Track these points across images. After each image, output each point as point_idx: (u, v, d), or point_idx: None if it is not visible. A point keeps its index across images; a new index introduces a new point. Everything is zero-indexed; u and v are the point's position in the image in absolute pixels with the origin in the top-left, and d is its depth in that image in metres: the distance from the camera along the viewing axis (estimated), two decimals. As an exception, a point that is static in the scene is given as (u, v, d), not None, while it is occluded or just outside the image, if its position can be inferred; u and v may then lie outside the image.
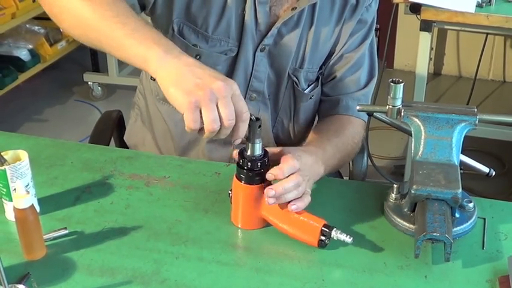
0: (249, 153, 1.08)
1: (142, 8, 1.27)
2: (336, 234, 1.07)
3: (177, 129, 1.43)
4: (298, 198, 1.09)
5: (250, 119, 1.05)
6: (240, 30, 1.30)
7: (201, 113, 0.98)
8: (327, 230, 1.07)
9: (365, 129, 1.44)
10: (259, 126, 1.06)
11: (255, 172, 1.08)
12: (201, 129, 1.00)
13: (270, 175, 1.08)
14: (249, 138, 1.07)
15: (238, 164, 1.10)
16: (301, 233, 1.09)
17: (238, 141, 1.03)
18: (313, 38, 1.35)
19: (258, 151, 1.08)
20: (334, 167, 1.29)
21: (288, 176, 1.08)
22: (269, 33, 1.31)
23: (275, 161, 1.11)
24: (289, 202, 1.09)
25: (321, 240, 1.08)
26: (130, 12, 1.09)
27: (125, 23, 1.06)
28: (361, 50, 1.41)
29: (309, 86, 1.42)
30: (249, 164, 1.08)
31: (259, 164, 1.08)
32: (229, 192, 1.15)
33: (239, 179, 1.10)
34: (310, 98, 1.44)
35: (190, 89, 0.98)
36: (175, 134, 1.43)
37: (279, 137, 1.47)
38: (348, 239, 1.06)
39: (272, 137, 1.46)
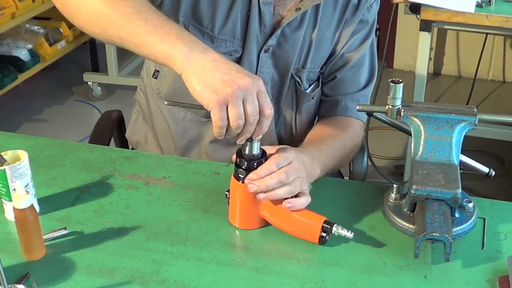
0: (247, 152, 1.08)
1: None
2: (337, 229, 1.07)
3: (177, 129, 1.43)
4: (294, 196, 1.09)
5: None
6: (244, 31, 1.30)
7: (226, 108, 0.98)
8: (328, 226, 1.07)
9: (364, 129, 1.44)
10: None
11: (253, 171, 1.08)
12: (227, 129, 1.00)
13: (247, 180, 1.08)
14: (247, 138, 1.07)
15: (236, 163, 1.10)
16: (302, 230, 1.09)
17: (259, 137, 1.04)
18: (316, 38, 1.35)
19: (256, 150, 1.08)
20: (332, 168, 1.28)
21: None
22: (273, 34, 1.31)
23: None
24: (285, 199, 1.09)
25: (322, 236, 1.08)
26: (150, 8, 1.08)
27: (146, 19, 1.05)
28: (362, 50, 1.41)
29: (310, 85, 1.42)
30: (247, 163, 1.08)
31: (257, 163, 1.08)
32: (226, 193, 1.15)
33: (237, 178, 1.10)
34: (312, 98, 1.44)
35: (217, 87, 0.98)
36: (176, 133, 1.43)
37: (281, 137, 1.47)
38: (349, 234, 1.06)
39: (275, 137, 1.46)
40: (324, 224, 1.08)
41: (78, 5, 1.10)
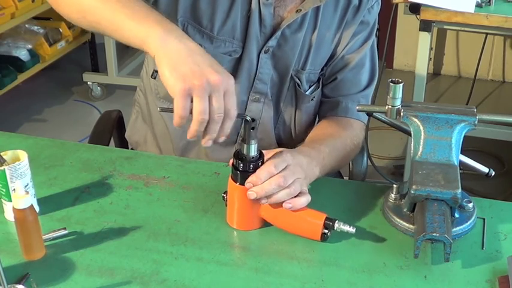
0: (245, 154, 1.08)
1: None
2: (339, 225, 1.07)
3: (176, 130, 1.42)
4: (294, 197, 1.09)
5: (246, 119, 1.05)
6: (244, 31, 1.30)
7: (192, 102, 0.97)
8: (330, 223, 1.08)
9: (365, 130, 1.44)
10: (253, 128, 1.06)
11: (250, 173, 1.08)
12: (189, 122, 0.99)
13: (248, 184, 1.08)
14: (244, 139, 1.07)
15: (233, 165, 1.10)
16: (303, 228, 1.10)
17: (222, 139, 1.02)
18: (316, 39, 1.35)
19: (253, 152, 1.08)
20: (331, 168, 1.28)
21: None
22: (273, 35, 1.31)
23: None
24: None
25: (324, 233, 1.08)
26: None
27: (125, 5, 1.05)
28: (363, 51, 1.41)
29: (310, 87, 1.42)
30: (244, 165, 1.08)
31: (254, 165, 1.08)
32: (224, 195, 1.15)
33: (234, 180, 1.10)
34: (312, 99, 1.44)
35: (186, 75, 0.96)
36: (175, 134, 1.43)
37: (280, 138, 1.47)
38: (351, 229, 1.07)
39: (274, 138, 1.46)
40: (325, 221, 1.08)
41: None
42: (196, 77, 0.96)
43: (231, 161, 1.11)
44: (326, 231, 1.08)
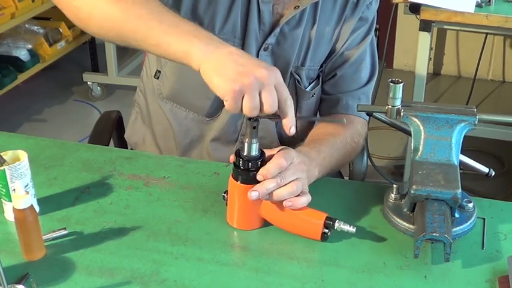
0: (245, 153, 1.08)
1: None
2: (339, 225, 1.07)
3: (179, 128, 1.43)
4: (295, 196, 1.09)
5: (248, 118, 1.05)
6: (244, 29, 1.30)
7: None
8: (330, 222, 1.08)
9: (366, 127, 1.44)
10: (255, 127, 1.06)
11: (251, 172, 1.08)
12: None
13: (259, 176, 1.08)
14: (246, 138, 1.07)
15: (234, 163, 1.10)
16: (304, 228, 1.10)
17: (293, 129, 1.03)
18: (316, 36, 1.35)
19: (255, 151, 1.08)
20: (332, 168, 1.28)
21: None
22: (272, 33, 1.31)
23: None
24: None
25: (324, 233, 1.08)
26: (163, 8, 1.08)
27: (160, 19, 1.06)
28: (362, 47, 1.41)
29: (310, 83, 1.42)
30: (246, 164, 1.08)
31: (255, 164, 1.08)
32: (224, 194, 1.15)
33: (235, 178, 1.10)
34: (312, 96, 1.44)
35: (234, 77, 0.98)
36: (178, 133, 1.44)
37: (282, 136, 1.47)
38: (352, 229, 1.07)
39: (276, 136, 1.46)
40: (326, 220, 1.08)
41: (91, 12, 1.10)
42: (244, 75, 0.98)
43: (232, 156, 1.11)
44: (326, 230, 1.08)
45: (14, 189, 1.05)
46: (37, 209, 1.13)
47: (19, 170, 1.10)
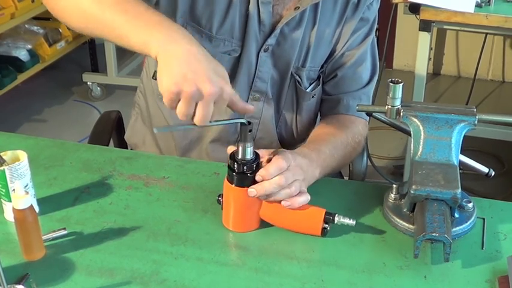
0: (240, 156, 1.08)
1: None
2: (339, 219, 1.08)
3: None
4: (293, 196, 1.09)
5: (242, 122, 1.05)
6: (243, 30, 1.30)
7: None
8: (330, 217, 1.09)
9: (367, 128, 1.44)
10: (250, 131, 1.06)
11: (246, 175, 1.09)
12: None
13: (258, 177, 1.08)
14: (240, 142, 1.07)
15: (229, 166, 1.10)
16: (303, 224, 1.10)
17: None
18: (316, 37, 1.35)
19: (249, 155, 1.08)
20: (333, 168, 1.28)
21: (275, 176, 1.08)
22: (272, 34, 1.31)
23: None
24: None
25: (324, 228, 1.09)
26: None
27: (126, 9, 1.06)
28: (363, 47, 1.41)
29: (310, 84, 1.42)
30: (240, 167, 1.08)
31: (250, 167, 1.08)
32: (219, 198, 1.15)
33: (230, 181, 1.10)
34: (313, 96, 1.44)
35: (177, 79, 0.98)
36: (178, 134, 1.44)
37: (282, 136, 1.47)
38: (352, 222, 1.08)
39: (276, 136, 1.46)
40: (325, 215, 1.09)
41: (66, 6, 1.12)
42: (188, 83, 0.97)
43: (230, 148, 1.11)
44: (326, 225, 1.09)
45: (14, 190, 1.05)
46: (37, 209, 1.13)
47: (19, 170, 1.10)
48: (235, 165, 1.09)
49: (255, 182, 1.09)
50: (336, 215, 1.09)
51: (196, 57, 1.00)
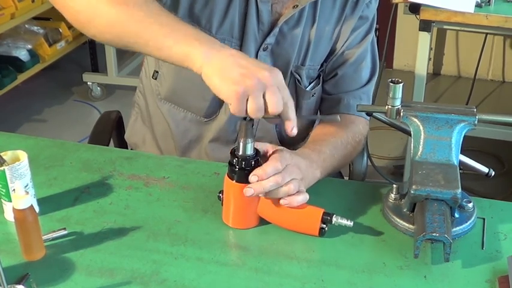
0: (240, 152, 1.08)
1: None
2: (337, 219, 1.08)
3: (178, 129, 1.43)
4: (291, 194, 1.09)
5: (243, 118, 1.05)
6: (242, 29, 1.30)
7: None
8: (328, 217, 1.08)
9: (368, 127, 1.44)
10: (252, 126, 1.06)
11: (247, 171, 1.09)
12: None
13: (253, 177, 1.08)
14: (241, 138, 1.08)
15: (230, 163, 1.10)
16: (301, 224, 1.10)
17: (295, 130, 1.04)
18: (315, 35, 1.35)
19: (250, 151, 1.09)
20: (334, 168, 1.28)
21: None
22: (271, 32, 1.31)
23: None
24: None
25: (322, 228, 1.09)
26: (163, 11, 1.08)
27: (161, 22, 1.06)
28: (363, 46, 1.41)
29: (310, 83, 1.42)
30: (241, 163, 1.09)
31: (250, 163, 1.09)
32: (219, 195, 1.15)
33: (231, 177, 1.11)
34: (312, 95, 1.44)
35: (237, 79, 0.98)
36: (176, 133, 1.44)
37: (282, 135, 1.47)
38: (349, 223, 1.08)
39: (276, 135, 1.46)
40: (323, 215, 1.09)
41: (91, 16, 1.10)
42: (247, 77, 0.98)
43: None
44: (324, 226, 1.09)
45: (14, 190, 1.05)
46: (37, 209, 1.13)
47: (19, 170, 1.10)
48: (236, 161, 1.09)
49: None
50: (334, 215, 1.09)
51: (241, 57, 1.02)
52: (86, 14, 1.10)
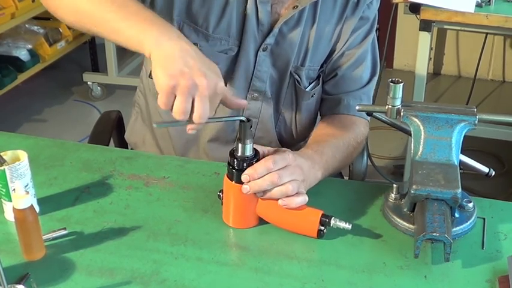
0: (239, 153, 1.09)
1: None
2: (335, 222, 1.08)
3: (175, 129, 1.43)
4: (290, 196, 1.09)
5: (242, 120, 1.05)
6: (241, 29, 1.30)
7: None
8: (326, 220, 1.08)
9: (368, 128, 1.44)
10: (250, 127, 1.07)
11: (251, 166, 1.09)
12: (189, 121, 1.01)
13: (244, 176, 1.08)
14: (240, 139, 1.08)
15: (229, 163, 1.10)
16: (300, 225, 1.10)
17: (192, 132, 1.02)
18: (315, 36, 1.35)
19: (249, 152, 1.09)
20: (335, 169, 1.28)
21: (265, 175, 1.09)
22: (271, 33, 1.31)
23: None
24: None
25: (320, 230, 1.09)
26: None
27: (120, 6, 1.07)
28: (363, 46, 1.41)
29: (310, 84, 1.42)
30: (240, 163, 1.09)
31: (249, 164, 1.09)
32: (219, 194, 1.15)
33: (230, 178, 1.11)
34: (312, 96, 1.44)
35: (174, 74, 0.98)
36: (174, 133, 1.44)
37: (281, 135, 1.47)
38: (347, 226, 1.08)
39: (275, 136, 1.46)
40: (321, 217, 1.08)
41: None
42: (184, 77, 0.98)
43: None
44: (322, 228, 1.09)
45: (14, 189, 1.05)
46: (37, 209, 1.13)
47: (19, 170, 1.10)
48: (235, 162, 1.09)
49: None
50: (332, 218, 1.09)
51: (190, 54, 1.01)
52: None
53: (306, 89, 1.42)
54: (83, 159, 1.34)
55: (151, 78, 1.41)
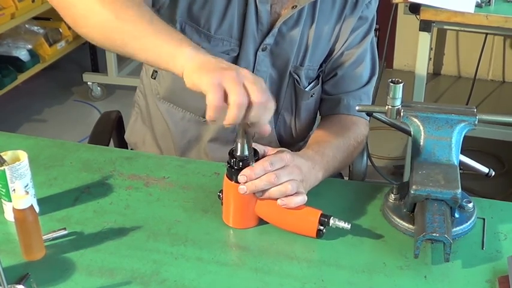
0: (238, 153, 1.08)
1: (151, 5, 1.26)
2: (334, 222, 1.08)
3: (176, 129, 1.43)
4: (289, 195, 1.09)
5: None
6: (241, 29, 1.30)
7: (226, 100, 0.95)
8: (325, 219, 1.08)
9: (368, 127, 1.44)
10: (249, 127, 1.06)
11: (248, 167, 1.09)
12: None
13: (241, 177, 1.08)
14: (239, 138, 1.07)
15: (228, 163, 1.10)
16: (299, 225, 1.10)
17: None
18: (314, 35, 1.35)
19: (248, 151, 1.09)
20: (335, 169, 1.28)
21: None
22: (270, 33, 1.31)
23: None
24: None
25: (319, 229, 1.09)
26: (153, 14, 1.08)
27: (150, 23, 1.05)
28: (363, 46, 1.41)
29: (309, 83, 1.42)
30: (239, 163, 1.09)
31: (248, 164, 1.09)
32: (219, 194, 1.16)
33: (229, 178, 1.11)
34: (312, 96, 1.44)
35: (215, 71, 0.96)
36: (175, 133, 1.44)
37: (281, 135, 1.47)
38: (347, 226, 1.08)
39: (275, 136, 1.46)
40: (320, 217, 1.08)
41: (82, 15, 1.09)
42: (226, 70, 0.97)
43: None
44: (321, 227, 1.09)
45: (14, 190, 1.05)
46: (37, 209, 1.13)
47: (19, 170, 1.10)
48: (234, 162, 1.09)
49: None
50: (332, 217, 1.08)
51: (223, 62, 1.01)
52: (79, 13, 1.09)
53: (306, 89, 1.42)
54: (83, 160, 1.34)
55: (153, 78, 1.42)
